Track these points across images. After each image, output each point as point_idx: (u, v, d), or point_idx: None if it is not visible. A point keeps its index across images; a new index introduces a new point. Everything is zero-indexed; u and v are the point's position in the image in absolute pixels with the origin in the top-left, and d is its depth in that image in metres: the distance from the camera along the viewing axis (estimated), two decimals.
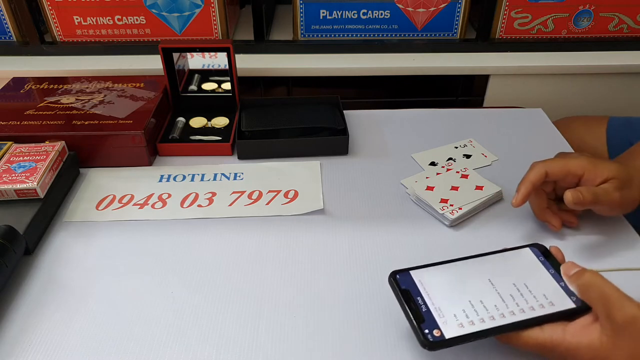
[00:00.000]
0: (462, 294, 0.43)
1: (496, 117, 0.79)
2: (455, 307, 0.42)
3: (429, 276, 0.44)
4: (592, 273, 0.41)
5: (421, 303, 0.42)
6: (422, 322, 0.40)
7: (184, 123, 0.74)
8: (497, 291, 0.43)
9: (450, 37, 0.92)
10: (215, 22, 0.89)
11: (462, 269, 0.45)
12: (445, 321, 0.41)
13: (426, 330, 0.40)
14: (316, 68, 0.89)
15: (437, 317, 0.41)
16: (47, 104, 0.71)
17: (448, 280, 0.44)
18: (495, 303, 0.42)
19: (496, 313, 0.41)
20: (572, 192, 0.51)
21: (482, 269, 0.45)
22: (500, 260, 0.46)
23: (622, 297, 0.39)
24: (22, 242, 0.52)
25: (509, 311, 0.41)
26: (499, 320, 0.41)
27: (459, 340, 0.40)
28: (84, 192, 0.63)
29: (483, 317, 0.41)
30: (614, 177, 0.52)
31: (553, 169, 0.53)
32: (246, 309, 0.48)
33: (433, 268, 0.45)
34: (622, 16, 0.90)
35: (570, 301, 0.42)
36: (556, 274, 0.45)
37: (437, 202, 0.59)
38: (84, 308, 0.48)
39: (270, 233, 0.57)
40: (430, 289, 0.43)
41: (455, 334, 0.40)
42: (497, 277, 0.44)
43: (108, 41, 0.91)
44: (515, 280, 0.44)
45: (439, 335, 0.40)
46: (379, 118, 0.78)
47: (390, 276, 0.44)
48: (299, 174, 0.66)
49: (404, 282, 0.43)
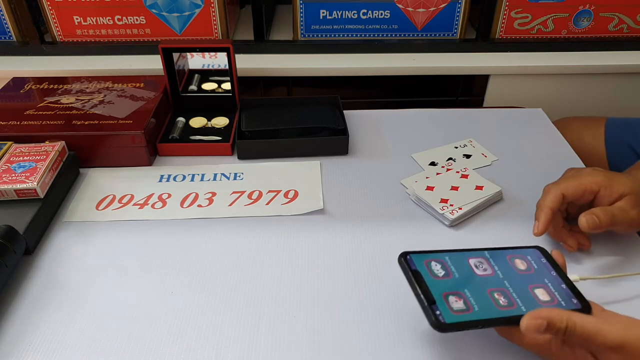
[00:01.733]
0: (472, 281, 0.42)
1: (496, 117, 0.79)
2: (465, 293, 0.41)
3: (438, 261, 0.43)
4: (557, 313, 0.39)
5: (431, 285, 0.41)
6: (433, 304, 0.39)
7: (184, 123, 0.74)
8: (505, 284, 0.43)
9: (450, 37, 0.92)
10: (215, 22, 0.89)
11: (470, 258, 0.45)
12: (456, 305, 0.40)
13: (437, 311, 0.39)
14: (316, 68, 0.89)
15: (448, 300, 0.40)
16: (47, 104, 0.71)
17: (457, 267, 0.43)
18: (504, 294, 0.42)
19: (505, 304, 0.41)
20: (586, 217, 0.49)
21: (490, 262, 0.45)
22: (506, 257, 0.46)
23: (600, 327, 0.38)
24: (22, 242, 0.52)
25: (516, 304, 0.41)
26: (507, 312, 0.40)
27: (469, 325, 0.39)
28: (84, 192, 0.63)
29: (492, 306, 0.41)
30: (630, 192, 0.50)
31: (569, 190, 0.52)
32: (246, 309, 0.48)
33: (443, 254, 0.44)
34: (622, 16, 0.89)
35: (572, 302, 0.42)
36: (557, 276, 0.45)
37: (437, 202, 0.59)
38: (84, 308, 0.48)
39: (270, 233, 0.57)
40: (440, 274, 0.42)
41: (466, 318, 0.39)
42: (504, 271, 0.44)
43: (108, 41, 0.91)
44: (521, 277, 0.44)
45: (450, 317, 0.39)
46: (379, 118, 0.78)
47: (400, 257, 0.43)
48: (299, 174, 0.66)
49: (414, 264, 0.42)
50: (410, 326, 0.46)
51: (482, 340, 0.45)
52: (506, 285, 0.43)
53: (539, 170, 0.66)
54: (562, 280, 0.44)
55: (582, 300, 0.42)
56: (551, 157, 0.69)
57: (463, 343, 0.45)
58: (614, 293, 0.49)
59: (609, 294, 0.49)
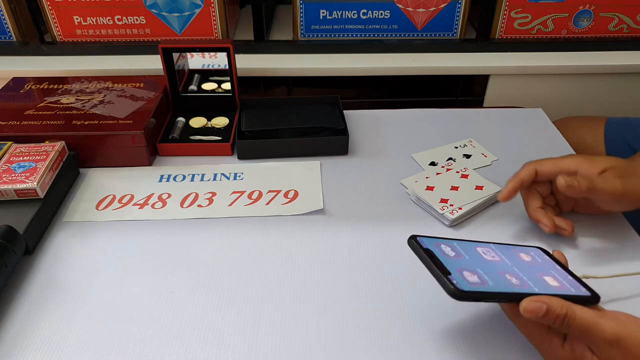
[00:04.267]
0: (483, 262, 0.42)
1: (496, 117, 0.79)
2: (478, 271, 0.40)
3: (448, 245, 0.43)
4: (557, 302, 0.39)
5: (445, 262, 0.40)
6: (448, 274, 0.38)
7: (184, 123, 0.74)
8: (515, 269, 0.42)
9: (450, 37, 0.92)
10: (215, 22, 0.89)
11: (477, 247, 0.44)
12: (471, 279, 0.39)
13: (455, 280, 0.38)
14: (316, 68, 0.89)
15: (463, 274, 0.39)
16: (47, 104, 0.71)
17: (466, 251, 0.43)
18: (515, 276, 0.41)
19: (517, 284, 0.40)
20: (565, 177, 0.49)
21: (497, 252, 0.45)
22: (511, 250, 0.46)
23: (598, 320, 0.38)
24: (22, 242, 0.52)
25: (528, 284, 0.41)
26: (521, 289, 0.40)
27: (486, 296, 0.39)
28: (84, 192, 0.63)
29: (505, 283, 0.40)
30: (613, 166, 0.50)
31: (544, 167, 0.53)
32: (246, 309, 0.48)
33: (451, 240, 0.44)
34: (622, 16, 0.89)
35: (581, 289, 0.42)
36: (562, 270, 0.44)
37: (437, 202, 0.59)
38: (84, 308, 0.48)
39: (270, 233, 0.57)
40: (452, 254, 0.42)
41: (482, 289, 0.38)
42: (512, 259, 0.44)
43: (108, 41, 0.91)
44: (528, 265, 0.44)
45: (467, 286, 0.38)
46: (379, 118, 0.78)
47: (410, 238, 0.42)
48: (299, 174, 0.66)
49: (424, 244, 0.42)
50: (411, 326, 0.46)
51: (484, 341, 0.45)
52: (515, 270, 0.42)
53: None
54: (567, 273, 0.44)
55: (590, 290, 0.42)
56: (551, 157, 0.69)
57: (465, 343, 0.45)
58: (614, 293, 0.49)
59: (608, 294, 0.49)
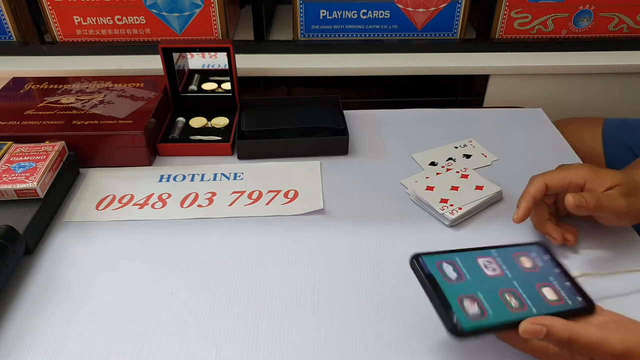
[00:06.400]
0: (483, 283, 0.42)
1: (496, 117, 0.79)
2: (479, 296, 0.41)
3: (449, 263, 0.43)
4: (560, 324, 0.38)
5: (446, 289, 0.40)
6: (449, 309, 0.39)
7: (184, 123, 0.74)
8: (515, 284, 0.43)
9: (450, 37, 0.92)
10: (215, 22, 0.89)
11: (479, 258, 0.44)
12: (471, 310, 0.39)
13: (455, 318, 0.38)
14: (316, 68, 0.89)
15: (463, 304, 0.40)
16: (47, 104, 0.71)
17: (468, 269, 0.43)
18: (514, 295, 0.41)
19: (516, 305, 0.41)
20: (574, 195, 0.49)
21: (498, 261, 0.45)
22: (512, 255, 0.46)
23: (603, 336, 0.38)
24: (22, 242, 0.52)
25: (526, 305, 0.41)
26: (519, 314, 0.40)
27: (485, 332, 0.39)
28: (84, 192, 0.63)
29: (504, 308, 0.40)
30: (618, 183, 0.50)
31: (553, 181, 0.52)
32: (246, 308, 0.48)
33: (453, 254, 0.44)
34: (622, 16, 0.89)
35: (577, 300, 0.42)
36: (561, 273, 0.45)
37: (437, 202, 0.59)
38: (84, 308, 0.48)
39: (270, 233, 0.57)
40: (453, 277, 0.42)
41: (481, 325, 0.39)
42: (512, 270, 0.44)
43: (108, 41, 0.91)
44: (528, 275, 0.44)
45: (467, 323, 0.38)
46: (379, 118, 0.78)
47: (412, 259, 0.42)
48: (299, 174, 0.66)
49: (426, 267, 0.42)
50: (411, 326, 0.46)
51: (483, 342, 0.45)
52: (515, 285, 0.43)
53: (539, 170, 0.65)
54: (566, 277, 0.44)
55: (586, 298, 0.42)
56: (551, 157, 0.69)
57: (465, 343, 0.45)
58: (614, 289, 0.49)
59: (608, 290, 0.49)
